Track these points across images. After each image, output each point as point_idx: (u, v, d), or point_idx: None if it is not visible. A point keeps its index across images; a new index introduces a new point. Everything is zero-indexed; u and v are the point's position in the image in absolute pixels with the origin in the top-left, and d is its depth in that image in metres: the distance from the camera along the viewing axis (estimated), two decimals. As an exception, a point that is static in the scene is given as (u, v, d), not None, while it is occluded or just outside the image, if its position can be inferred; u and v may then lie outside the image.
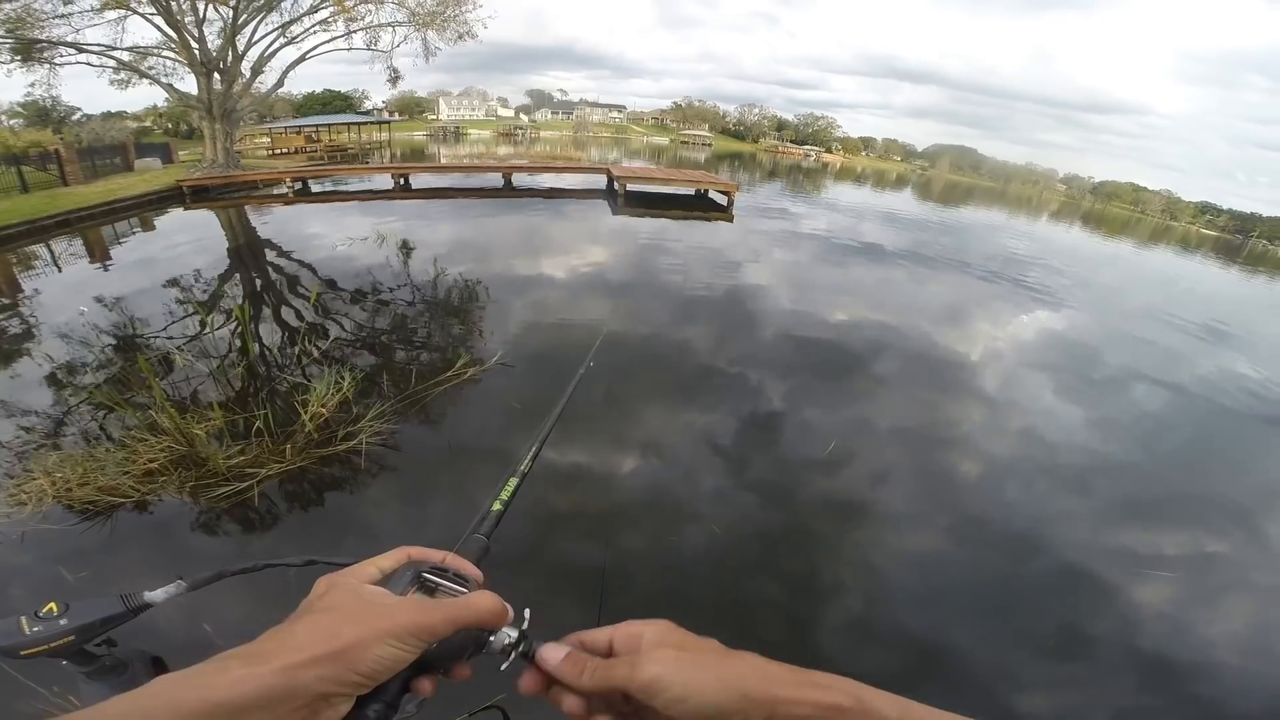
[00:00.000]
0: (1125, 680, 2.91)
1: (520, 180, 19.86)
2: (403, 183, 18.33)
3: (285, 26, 18.99)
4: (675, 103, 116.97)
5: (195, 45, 17.29)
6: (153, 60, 18.00)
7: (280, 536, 3.26)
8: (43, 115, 44.60)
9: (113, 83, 18.29)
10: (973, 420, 5.51)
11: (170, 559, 3.03)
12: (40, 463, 3.53)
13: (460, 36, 20.52)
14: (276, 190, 17.17)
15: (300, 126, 33.65)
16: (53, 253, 10.03)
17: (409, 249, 10.02)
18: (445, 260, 9.16)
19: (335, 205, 16.14)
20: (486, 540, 0.66)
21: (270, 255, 9.92)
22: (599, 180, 20.88)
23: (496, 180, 19.50)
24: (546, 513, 3.53)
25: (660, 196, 18.39)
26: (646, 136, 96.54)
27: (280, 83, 20.38)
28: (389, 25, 20.17)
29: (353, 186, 19.04)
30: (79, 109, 49.07)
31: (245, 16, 17.83)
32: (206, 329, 5.99)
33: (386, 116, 59.16)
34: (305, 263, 9.15)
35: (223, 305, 7.06)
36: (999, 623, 3.17)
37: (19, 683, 2.10)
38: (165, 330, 6.10)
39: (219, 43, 17.87)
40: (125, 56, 17.53)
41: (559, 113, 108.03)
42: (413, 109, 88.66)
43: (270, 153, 28.87)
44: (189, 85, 18.40)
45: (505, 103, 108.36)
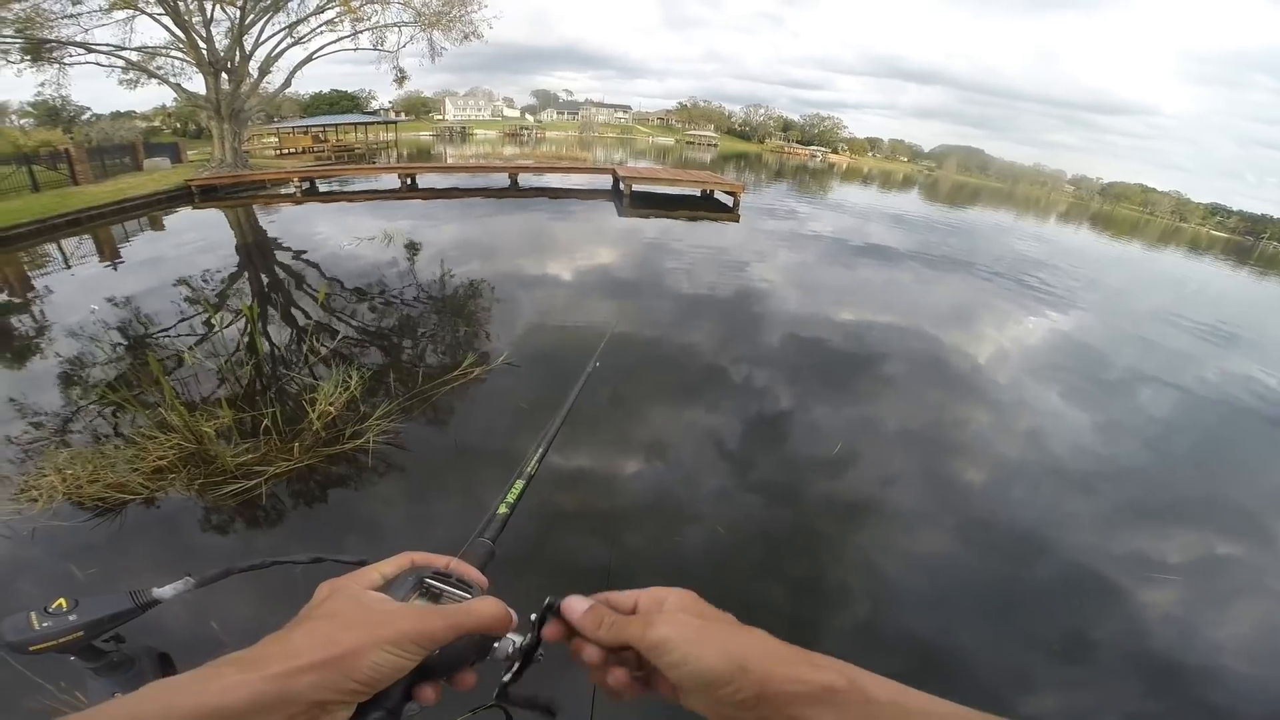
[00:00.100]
0: (1134, 684, 2.89)
1: (526, 180, 19.86)
2: (409, 183, 18.38)
3: (292, 26, 19.12)
4: (680, 103, 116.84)
5: (203, 45, 17.42)
6: (161, 60, 18.16)
7: (288, 534, 3.27)
8: (52, 115, 45.01)
9: (121, 82, 18.45)
10: (981, 422, 5.48)
11: (178, 556, 3.05)
12: (51, 459, 3.55)
13: (466, 37, 20.62)
14: (284, 190, 17.25)
15: (307, 126, 33.79)
16: (63, 251, 10.10)
17: (415, 249, 10.05)
18: (451, 260, 9.18)
19: (342, 205, 16.19)
20: (492, 544, 0.66)
21: (278, 254, 9.96)
22: (604, 181, 20.88)
23: (503, 180, 19.52)
24: (552, 513, 3.53)
25: (666, 197, 18.37)
26: (652, 137, 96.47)
27: (287, 82, 20.51)
28: (395, 25, 20.29)
29: (360, 186, 19.10)
30: (88, 109, 49.48)
31: (252, 16, 17.95)
32: (215, 327, 6.02)
33: (393, 117, 59.33)
34: (313, 262, 9.19)
35: (231, 304, 7.09)
36: (1006, 626, 3.15)
37: (26, 678, 2.12)
38: (175, 328, 6.14)
39: (226, 42, 18.00)
40: (134, 56, 17.69)
41: (564, 113, 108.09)
42: (419, 109, 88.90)
43: (278, 152, 29.01)
44: (197, 85, 18.58)
45: (511, 103, 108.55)
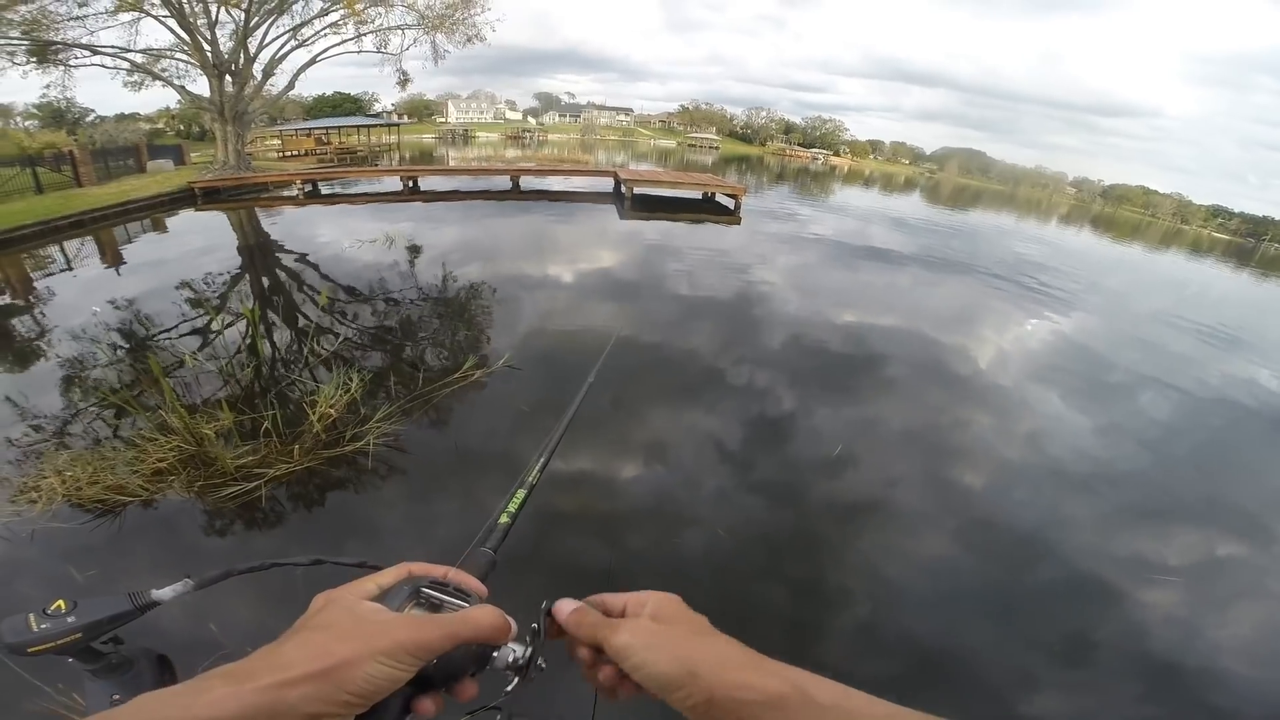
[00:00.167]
0: (1138, 685, 2.88)
1: (528, 183, 19.90)
2: (411, 185, 18.40)
3: (296, 29, 19.16)
4: (682, 106, 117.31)
5: (207, 48, 17.47)
6: (166, 62, 18.19)
7: (287, 537, 3.27)
8: (57, 117, 45.27)
9: (126, 85, 18.45)
10: (984, 424, 5.46)
11: (178, 558, 3.05)
12: (51, 461, 3.56)
13: (469, 39, 20.66)
14: (287, 192, 17.29)
15: (310, 129, 33.87)
16: (66, 253, 10.13)
17: (417, 251, 10.06)
18: (453, 263, 9.19)
19: (345, 207, 16.23)
20: (493, 554, 0.65)
21: (280, 257, 9.98)
22: (606, 183, 20.91)
23: (504, 183, 19.54)
24: (554, 515, 3.52)
25: (667, 200, 18.39)
26: (653, 139, 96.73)
27: (291, 85, 20.55)
28: (398, 28, 20.32)
29: (362, 189, 19.14)
30: (93, 110, 49.78)
31: (256, 19, 18.01)
32: (216, 330, 6.03)
33: (395, 119, 59.53)
34: (314, 264, 9.20)
35: (233, 306, 7.10)
36: (1009, 627, 3.13)
37: (24, 680, 2.11)
38: (176, 330, 6.15)
39: (231, 45, 18.05)
40: (139, 58, 17.71)
41: (566, 115, 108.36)
42: (421, 112, 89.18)
43: (281, 155, 29.06)
44: (201, 87, 18.61)
45: (513, 105, 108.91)
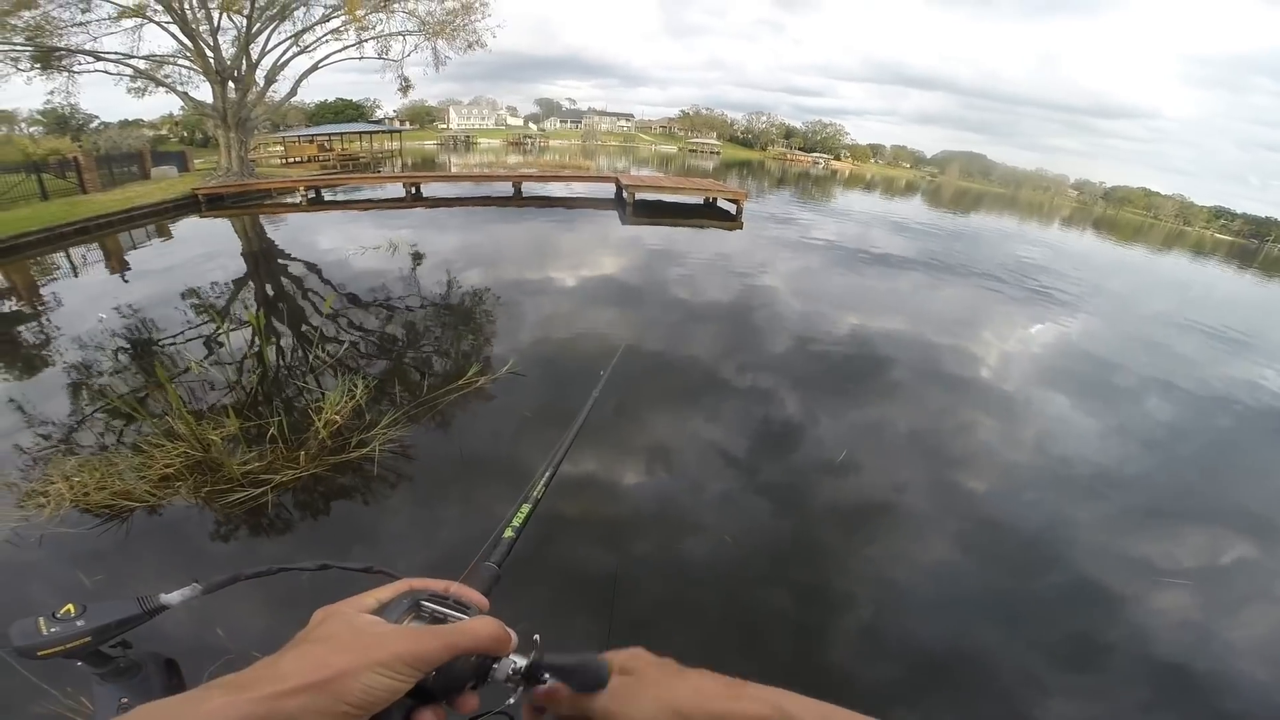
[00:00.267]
0: (1157, 691, 2.86)
1: (530, 189, 19.95)
2: (414, 191, 18.46)
3: (298, 35, 19.30)
4: (683, 111, 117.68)
5: (210, 54, 17.60)
6: (169, 69, 18.34)
7: (294, 543, 3.27)
8: (61, 123, 45.63)
9: (130, 91, 18.61)
10: (991, 428, 5.46)
11: (185, 563, 3.05)
12: (59, 467, 3.57)
13: (470, 45, 20.77)
14: (290, 199, 17.35)
15: (313, 135, 34.13)
16: (71, 260, 10.18)
17: (420, 257, 10.09)
18: (456, 269, 9.21)
19: (347, 214, 16.27)
20: (497, 568, 0.65)
21: (284, 263, 10.01)
22: (608, 189, 20.94)
23: (506, 189, 19.59)
24: (559, 520, 3.52)
25: (669, 205, 18.42)
26: (654, 145, 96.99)
27: (293, 91, 20.66)
28: (400, 34, 20.47)
29: (365, 195, 19.19)
30: (97, 117, 50.24)
31: (259, 25, 18.14)
32: (222, 336, 6.05)
33: (398, 125, 59.81)
34: (318, 271, 9.23)
35: (237, 313, 7.13)
36: (1018, 632, 3.12)
37: (32, 684, 2.12)
38: (182, 337, 6.17)
39: (233, 51, 18.18)
40: (142, 65, 17.86)
41: (567, 121, 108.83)
42: (423, 118, 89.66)
43: (284, 161, 29.24)
44: (204, 94, 18.77)
45: (514, 111, 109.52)
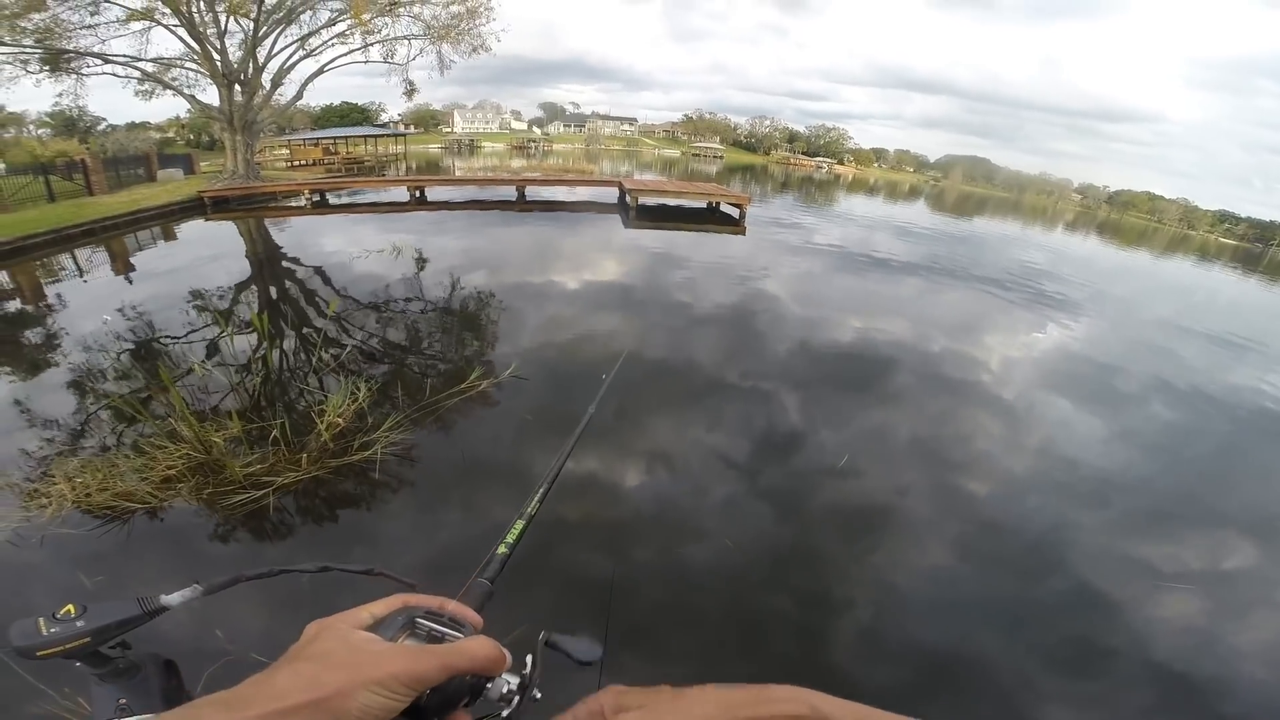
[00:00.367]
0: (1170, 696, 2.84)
1: (533, 193, 19.99)
2: (418, 195, 18.53)
3: (304, 39, 19.40)
4: (686, 115, 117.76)
5: (217, 57, 17.71)
6: (176, 71, 18.48)
7: (295, 545, 3.27)
8: (69, 125, 45.95)
9: (137, 93, 18.73)
10: (998, 433, 5.44)
11: (186, 565, 3.05)
12: (61, 467, 3.58)
13: (474, 49, 20.85)
14: (295, 202, 17.41)
15: (318, 139, 34.26)
16: (77, 261, 10.23)
17: (424, 261, 10.10)
18: (459, 272, 9.22)
19: (352, 217, 16.33)
20: (490, 585, 0.66)
21: (288, 266, 10.05)
22: (611, 193, 20.98)
23: (510, 193, 19.64)
24: (558, 526, 3.51)
25: (672, 209, 18.45)
26: (658, 149, 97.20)
27: (299, 95, 20.78)
28: (405, 38, 20.57)
29: (369, 199, 19.24)
30: (104, 119, 50.56)
31: (265, 29, 18.25)
32: (225, 336, 6.07)
33: (402, 129, 60.05)
34: (322, 274, 9.25)
35: (241, 315, 7.15)
36: (1026, 637, 3.10)
37: (29, 684, 2.12)
38: (185, 339, 6.19)
39: (240, 55, 18.29)
40: (149, 67, 17.99)
41: (571, 125, 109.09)
42: (428, 122, 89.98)
43: (289, 164, 29.39)
44: (211, 97, 18.88)
45: (518, 115, 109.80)
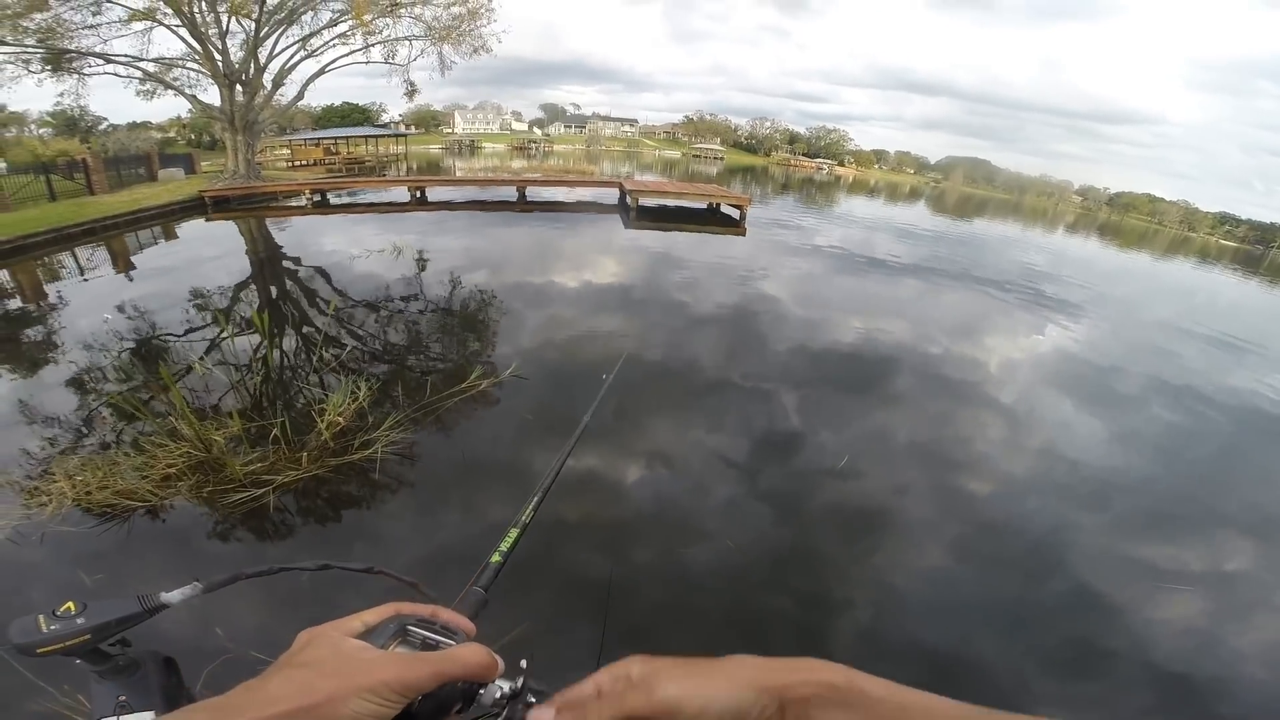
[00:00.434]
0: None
1: (534, 194, 20.00)
2: (419, 195, 18.53)
3: (305, 39, 19.43)
4: (686, 116, 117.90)
5: (218, 57, 17.73)
6: (177, 71, 18.50)
7: (295, 543, 3.27)
8: (70, 125, 46.00)
9: (139, 93, 18.75)
10: (999, 434, 5.44)
11: (185, 563, 3.05)
12: (61, 465, 3.58)
13: (475, 50, 20.87)
14: (296, 202, 17.42)
15: (319, 139, 34.28)
16: (78, 260, 10.23)
17: (424, 261, 10.10)
18: (460, 272, 9.23)
19: (352, 217, 16.34)
20: (484, 593, 0.66)
21: (289, 266, 10.05)
22: (611, 194, 20.99)
23: (511, 194, 19.65)
24: (556, 526, 3.51)
25: (672, 210, 18.46)
26: (658, 150, 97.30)
27: (300, 95, 20.79)
28: (406, 39, 20.59)
29: (370, 199, 19.25)
30: (105, 119, 50.59)
31: (266, 29, 18.27)
32: (226, 337, 6.07)
33: (403, 130, 60.09)
34: (323, 274, 9.26)
35: (242, 314, 7.15)
36: (1030, 639, 3.10)
37: (30, 682, 2.12)
38: (185, 338, 6.19)
39: (241, 55, 18.32)
40: (151, 67, 18.01)
41: (572, 126, 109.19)
42: (429, 122, 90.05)
43: (290, 164, 29.41)
44: (212, 97, 18.92)
45: (519, 116, 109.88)
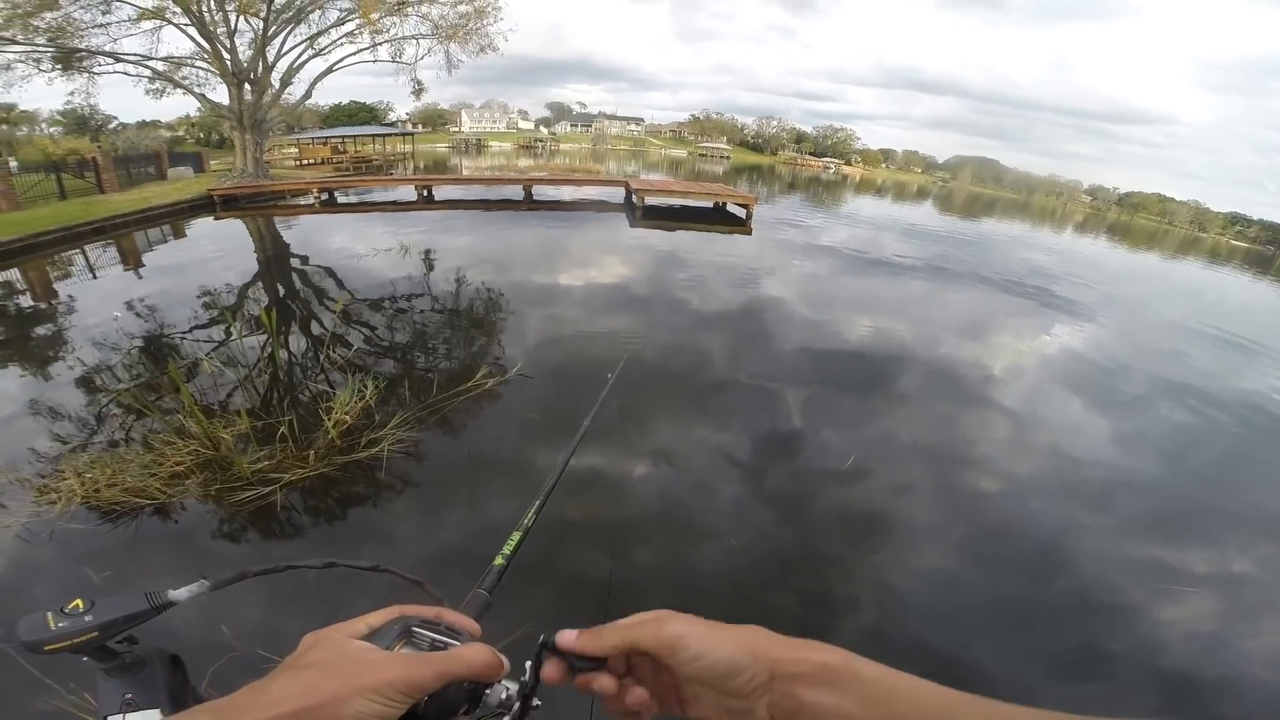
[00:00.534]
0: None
1: (540, 193, 20.02)
2: (426, 194, 18.57)
3: (313, 38, 19.52)
4: (693, 115, 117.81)
5: (227, 56, 17.84)
6: (186, 70, 18.62)
7: (302, 541, 3.28)
8: (81, 123, 46.38)
9: (148, 92, 18.87)
10: (1007, 433, 5.40)
11: (193, 561, 3.07)
12: (70, 463, 3.61)
13: (482, 49, 20.94)
14: (303, 200, 17.51)
15: (327, 138, 34.44)
16: (88, 259, 10.31)
17: (431, 260, 10.13)
18: (466, 271, 9.24)
19: (360, 216, 16.40)
20: (489, 595, 0.67)
21: (296, 264, 10.11)
22: (617, 193, 20.98)
23: (517, 192, 19.66)
24: (559, 524, 3.51)
25: (678, 209, 18.43)
26: (664, 149, 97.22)
27: (308, 94, 20.87)
28: (413, 38, 20.67)
29: (377, 197, 19.32)
30: (115, 117, 51.01)
31: (275, 28, 18.36)
32: (234, 336, 6.10)
33: (410, 128, 60.25)
34: (330, 272, 9.30)
35: (250, 313, 7.19)
36: (1028, 641, 3.08)
37: (37, 679, 2.14)
38: (194, 336, 6.23)
39: (250, 54, 18.41)
40: (160, 66, 18.14)
41: (578, 125, 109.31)
42: (435, 121, 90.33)
43: (298, 163, 29.53)
44: (221, 95, 19.03)
45: (525, 115, 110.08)
